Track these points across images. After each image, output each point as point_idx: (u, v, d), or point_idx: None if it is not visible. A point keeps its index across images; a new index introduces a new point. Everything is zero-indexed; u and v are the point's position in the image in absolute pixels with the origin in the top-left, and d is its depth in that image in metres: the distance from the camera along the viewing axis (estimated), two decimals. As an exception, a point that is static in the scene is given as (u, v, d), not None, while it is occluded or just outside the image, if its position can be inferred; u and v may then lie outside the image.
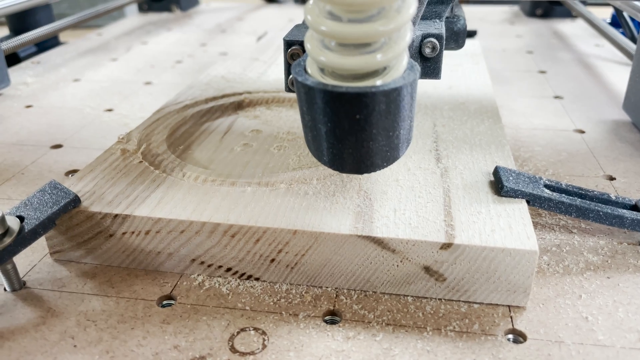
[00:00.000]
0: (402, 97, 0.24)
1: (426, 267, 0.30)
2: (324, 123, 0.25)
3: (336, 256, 0.30)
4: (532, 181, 0.34)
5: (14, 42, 0.67)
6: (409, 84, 0.24)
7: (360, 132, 0.25)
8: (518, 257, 0.28)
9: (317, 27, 0.23)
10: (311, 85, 0.24)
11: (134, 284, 0.32)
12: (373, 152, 0.26)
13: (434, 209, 0.31)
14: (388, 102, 0.24)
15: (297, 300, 0.30)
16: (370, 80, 0.24)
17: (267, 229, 0.30)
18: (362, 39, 0.23)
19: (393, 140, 0.26)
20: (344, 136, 0.25)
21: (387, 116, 0.24)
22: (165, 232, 0.31)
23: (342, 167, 0.27)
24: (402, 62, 0.25)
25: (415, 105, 0.27)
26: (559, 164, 0.45)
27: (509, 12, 1.04)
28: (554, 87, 0.63)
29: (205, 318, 0.29)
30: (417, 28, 0.31)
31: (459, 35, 0.36)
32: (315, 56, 0.24)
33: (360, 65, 0.24)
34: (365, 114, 0.24)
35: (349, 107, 0.24)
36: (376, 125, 0.24)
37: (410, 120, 0.26)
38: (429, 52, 0.31)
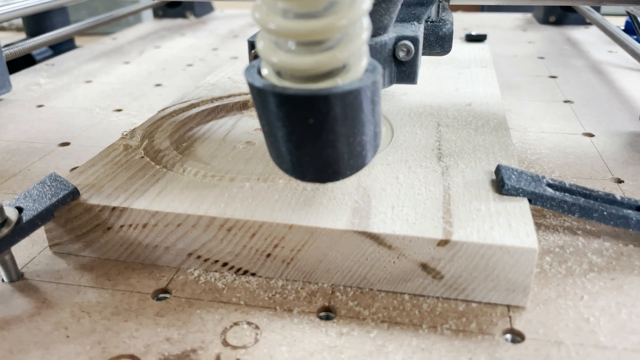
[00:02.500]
0: (361, 100, 0.22)
1: (423, 264, 0.29)
2: (279, 128, 0.24)
3: (332, 252, 0.30)
4: (535, 180, 0.33)
5: (27, 44, 0.68)
6: (367, 86, 0.22)
7: (316, 138, 0.23)
8: (517, 255, 0.28)
9: (265, 25, 0.22)
10: (260, 87, 0.23)
11: (130, 277, 0.32)
12: (334, 160, 0.24)
13: (433, 206, 0.31)
14: (344, 106, 0.22)
15: (292, 296, 0.30)
16: (326, 82, 0.23)
17: (262, 223, 0.30)
18: (311, 35, 0.21)
19: (355, 147, 0.24)
20: (300, 142, 0.24)
21: (344, 121, 0.23)
22: (162, 225, 0.31)
23: (303, 176, 0.26)
24: (360, 63, 0.23)
25: (379, 109, 0.25)
26: (566, 167, 0.44)
27: (522, 19, 1.04)
28: (565, 92, 0.62)
29: (199, 311, 0.29)
30: (392, 30, 0.30)
31: (444, 40, 0.35)
32: (266, 57, 0.23)
33: (311, 64, 0.22)
34: (319, 118, 0.22)
35: (300, 110, 0.22)
36: (333, 130, 0.23)
37: (374, 126, 0.25)
38: (403, 55, 0.29)
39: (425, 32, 0.35)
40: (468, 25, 0.99)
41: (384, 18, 0.27)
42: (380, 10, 0.27)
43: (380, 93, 0.24)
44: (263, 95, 0.23)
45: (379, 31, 0.28)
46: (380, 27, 0.28)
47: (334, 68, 0.22)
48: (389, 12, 0.27)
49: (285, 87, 0.22)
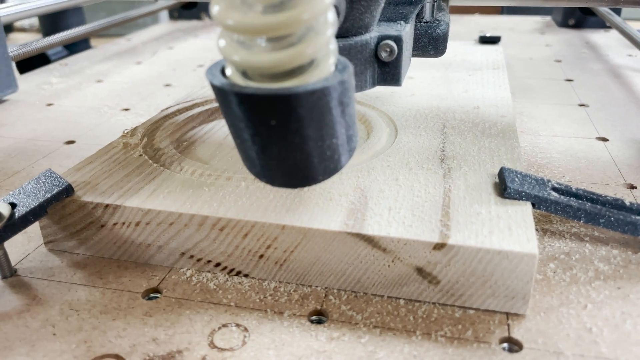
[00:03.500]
0: (327, 101, 0.21)
1: (419, 268, 0.28)
2: (242, 130, 0.22)
3: (325, 254, 0.29)
4: (539, 183, 0.32)
5: (38, 43, 0.69)
6: (333, 86, 0.21)
7: (280, 141, 0.22)
8: (516, 261, 0.27)
9: (223, 21, 0.20)
10: (218, 86, 0.22)
11: (122, 276, 0.31)
12: (302, 164, 0.23)
13: (431, 208, 0.30)
14: (307, 107, 0.21)
15: (284, 298, 0.29)
16: (291, 81, 0.21)
17: (255, 223, 0.29)
18: (270, 30, 0.20)
19: (325, 150, 0.23)
20: (264, 145, 0.22)
21: (309, 123, 0.21)
22: (155, 223, 0.31)
23: (272, 180, 0.24)
24: (327, 62, 0.22)
25: (352, 110, 0.23)
26: (577, 171, 0.43)
27: (541, 22, 1.02)
28: (580, 96, 0.60)
29: (188, 312, 0.29)
30: (375, 29, 0.29)
31: (437, 41, 0.34)
32: (227, 55, 0.21)
33: (271, 62, 0.20)
34: (281, 119, 0.21)
35: (260, 111, 0.21)
36: (297, 132, 0.21)
37: (346, 128, 0.23)
38: (385, 55, 0.28)
39: (418, 32, 0.34)
40: (485, 27, 0.97)
41: (364, 16, 0.26)
42: (360, 8, 0.26)
43: (352, 94, 0.23)
44: (223, 94, 0.22)
45: (359, 30, 0.27)
46: (360, 26, 0.27)
47: (297, 66, 0.21)
48: (369, 10, 0.26)
49: (244, 86, 0.21)
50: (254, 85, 0.21)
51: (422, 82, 0.53)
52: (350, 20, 0.26)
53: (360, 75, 0.27)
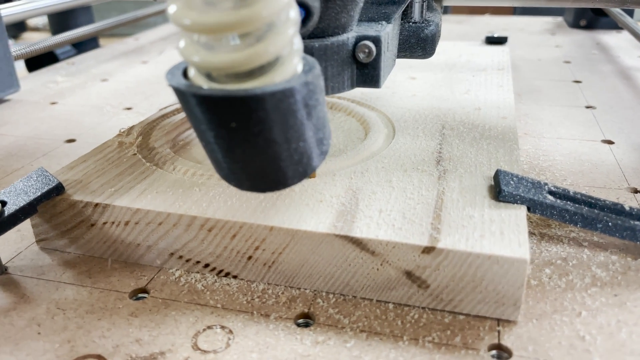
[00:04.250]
0: (289, 103, 0.20)
1: (408, 272, 0.28)
2: (204, 131, 0.22)
3: (314, 256, 0.29)
4: (536, 186, 0.31)
5: (45, 42, 0.69)
6: (295, 88, 0.20)
7: (243, 144, 0.21)
8: (506, 266, 0.26)
9: (180, 21, 0.19)
10: (175, 86, 0.21)
11: (111, 275, 0.31)
12: (268, 168, 0.22)
13: (423, 211, 0.29)
14: (267, 109, 0.20)
15: (272, 300, 0.29)
16: (252, 82, 0.20)
17: (243, 224, 0.29)
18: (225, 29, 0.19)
19: (292, 154, 0.22)
20: (227, 148, 0.22)
21: (272, 125, 0.20)
22: (144, 223, 0.31)
23: (240, 184, 0.24)
24: (290, 62, 0.21)
25: (320, 113, 0.22)
26: (580, 174, 0.42)
27: (552, 23, 1.00)
28: (588, 97, 0.59)
29: (174, 313, 0.28)
30: (355, 29, 0.28)
31: (426, 42, 0.33)
32: (186, 56, 0.20)
33: (227, 62, 0.19)
34: (241, 122, 0.20)
35: (219, 113, 0.20)
36: (259, 135, 0.21)
37: (314, 131, 0.22)
38: (363, 57, 0.27)
39: (406, 33, 0.33)
40: (495, 27, 0.96)
41: (340, 16, 0.25)
42: (335, 8, 0.25)
43: (320, 95, 0.22)
44: (181, 95, 0.21)
45: (336, 30, 0.26)
46: (337, 26, 0.26)
47: (257, 67, 0.20)
48: (345, 9, 0.25)
49: (200, 87, 0.20)
50: (217, 86, 0.20)
51: (424, 83, 0.52)
52: (325, 20, 0.25)
53: (338, 77, 0.26)
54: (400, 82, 0.53)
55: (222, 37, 0.19)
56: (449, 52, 0.64)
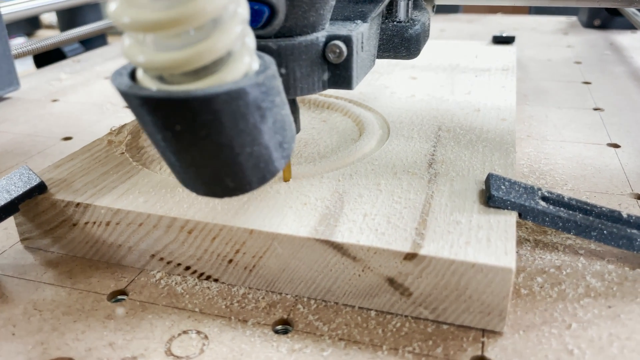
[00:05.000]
0: (238, 105, 0.19)
1: (390, 279, 0.27)
2: (152, 134, 0.20)
3: (295, 260, 0.28)
4: (528, 192, 0.30)
5: (51, 40, 0.69)
6: (243, 89, 0.19)
7: (191, 148, 0.20)
8: (491, 275, 0.25)
9: (119, 19, 0.18)
10: (117, 88, 0.20)
11: (92, 276, 0.31)
12: (223, 173, 0.21)
13: (409, 215, 0.28)
14: (213, 112, 0.19)
15: (251, 305, 0.28)
16: (196, 83, 0.19)
17: (223, 227, 0.28)
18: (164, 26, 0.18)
19: (246, 159, 0.20)
20: (176, 151, 0.21)
21: (220, 129, 0.19)
22: (125, 224, 0.30)
23: (196, 189, 0.22)
24: (240, 62, 0.20)
25: (278, 115, 0.21)
26: (582, 179, 0.40)
27: (565, 22, 0.98)
28: (596, 99, 0.57)
29: (150, 317, 0.28)
30: (327, 28, 0.26)
31: (410, 42, 0.32)
32: (127, 55, 0.19)
33: (166, 62, 0.18)
34: (186, 125, 0.19)
35: (161, 115, 0.19)
36: (208, 139, 0.19)
37: (271, 134, 0.21)
38: (333, 57, 0.25)
39: (390, 33, 0.32)
40: (506, 27, 0.94)
41: (308, 15, 0.24)
42: (302, 6, 0.24)
43: (276, 97, 0.21)
44: (124, 96, 0.20)
45: (304, 29, 0.25)
46: (306, 25, 0.25)
47: (201, 66, 0.19)
48: (314, 8, 0.24)
49: (141, 88, 0.19)
50: (166, 87, 0.19)
51: (424, 83, 0.51)
52: (292, 19, 0.24)
53: (308, 78, 0.25)
54: (401, 82, 0.51)
55: (164, 35, 0.18)
56: (454, 51, 0.63)
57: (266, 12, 0.23)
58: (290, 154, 0.23)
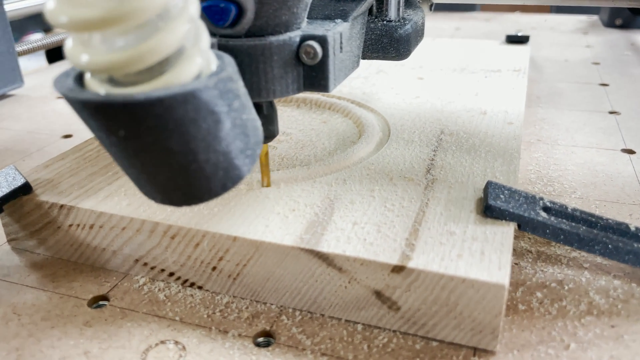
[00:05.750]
0: (185, 110, 0.17)
1: (377, 292, 0.25)
2: (100, 139, 0.19)
3: (279, 270, 0.27)
4: (529, 201, 0.28)
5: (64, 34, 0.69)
6: (194, 92, 0.17)
7: (139, 154, 0.19)
8: (482, 291, 0.23)
9: (56, 19, 0.17)
10: (58, 90, 0.18)
11: (75, 280, 0.30)
12: (178, 182, 0.20)
13: (401, 225, 0.27)
14: (158, 116, 0.17)
15: (234, 315, 0.27)
16: (141, 87, 0.18)
17: (206, 233, 0.27)
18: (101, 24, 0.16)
19: (202, 167, 0.19)
20: (125, 157, 0.19)
21: (168, 135, 0.18)
22: (108, 227, 0.29)
23: (153, 197, 0.21)
24: (190, 63, 0.18)
25: (236, 119, 0.20)
26: (592, 186, 0.38)
27: (586, 21, 0.95)
28: (613, 102, 0.55)
29: (129, 324, 0.27)
30: (303, 28, 0.25)
31: (399, 43, 0.30)
32: (69, 57, 0.18)
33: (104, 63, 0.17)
34: (129, 130, 0.18)
35: (103, 120, 0.18)
36: (156, 145, 0.18)
37: (229, 140, 0.19)
38: (307, 58, 0.24)
39: (379, 32, 0.30)
40: (523, 26, 0.92)
41: (279, 13, 0.23)
42: (273, 4, 0.22)
43: (234, 101, 0.20)
44: (66, 100, 0.18)
45: (277, 28, 0.23)
46: (278, 24, 0.23)
47: (144, 68, 0.17)
48: (286, 6, 0.23)
49: (81, 91, 0.18)
50: (116, 90, 0.18)
51: (431, 83, 0.49)
52: (263, 18, 0.23)
53: (281, 79, 0.24)
54: (407, 82, 0.50)
55: (104, 35, 0.17)
56: (465, 51, 0.61)
57: (233, 10, 0.22)
58: (255, 159, 0.21)
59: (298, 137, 0.40)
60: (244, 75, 0.24)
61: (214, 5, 0.22)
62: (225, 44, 0.23)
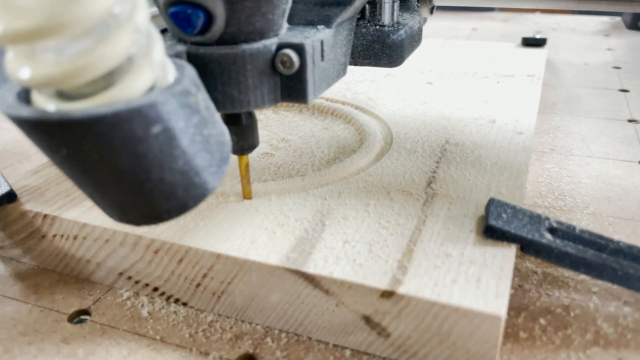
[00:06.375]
0: (131, 128, 0.16)
1: (366, 317, 0.24)
2: (48, 155, 0.18)
3: (264, 290, 0.25)
4: (534, 221, 0.26)
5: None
6: (141, 108, 0.16)
7: (85, 173, 0.17)
8: (477, 321, 0.22)
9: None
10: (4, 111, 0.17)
11: (58, 292, 0.29)
12: (133, 202, 0.18)
13: (394, 244, 0.25)
14: (100, 135, 0.16)
15: (217, 336, 0.26)
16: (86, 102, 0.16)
17: (189, 249, 0.26)
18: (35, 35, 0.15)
19: (157, 187, 0.18)
20: (73, 175, 0.18)
21: (114, 154, 0.16)
22: (92, 239, 0.28)
23: (111, 215, 0.20)
24: (138, 77, 0.17)
25: (196, 137, 0.18)
26: (605, 202, 0.36)
27: (609, 23, 0.92)
28: (633, 109, 0.53)
29: (108, 342, 0.26)
30: (281, 35, 0.23)
31: (392, 49, 0.28)
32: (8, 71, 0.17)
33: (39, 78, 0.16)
34: (71, 149, 0.16)
35: (43, 138, 0.17)
36: (102, 165, 0.17)
37: (187, 159, 0.18)
38: (282, 68, 0.22)
39: (370, 38, 0.29)
40: (543, 27, 0.89)
41: (253, 20, 0.21)
42: (244, 10, 0.21)
43: (194, 117, 0.18)
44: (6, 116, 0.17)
45: (251, 36, 0.22)
46: (252, 31, 0.22)
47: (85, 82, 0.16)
48: (259, 12, 0.21)
49: (21, 107, 0.16)
50: (66, 105, 0.17)
51: (440, 88, 0.48)
52: (235, 25, 0.21)
53: (256, 90, 0.22)
54: (415, 86, 0.48)
55: (39, 47, 0.16)
56: (478, 54, 0.59)
57: (202, 17, 0.20)
58: (221, 176, 0.20)
59: (297, 145, 0.38)
60: (215, 85, 0.22)
61: (181, 11, 0.20)
62: (195, 52, 0.22)
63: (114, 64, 0.16)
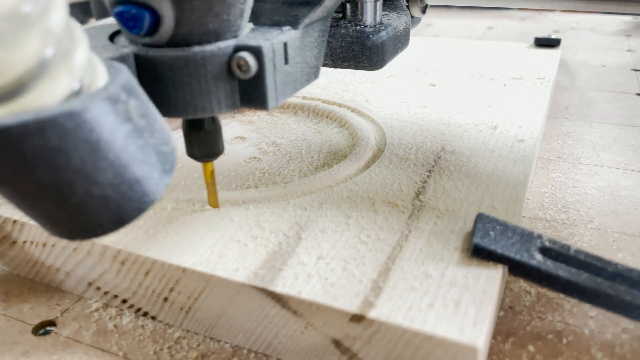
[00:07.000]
0: (45, 140, 0.15)
1: (336, 341, 0.22)
2: None
3: (232, 307, 0.24)
4: (524, 240, 0.24)
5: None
6: (52, 119, 0.15)
7: (5, 187, 0.16)
8: (452, 352, 0.20)
9: None
10: None
11: (26, 301, 0.28)
12: (61, 217, 0.17)
13: (371, 261, 0.24)
14: (9, 148, 0.15)
15: (182, 354, 0.24)
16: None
17: (155, 262, 0.25)
18: None
19: (85, 201, 0.16)
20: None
21: (28, 167, 0.15)
22: (59, 247, 0.27)
23: (44, 228, 0.18)
24: (54, 84, 0.15)
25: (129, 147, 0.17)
26: (612, 215, 0.34)
27: (631, 23, 0.89)
28: (650, 115, 0.50)
29: (69, 358, 0.24)
30: (240, 37, 0.21)
31: (372, 51, 0.26)
32: None
33: None
34: None
35: None
36: (19, 178, 0.16)
37: (116, 172, 0.16)
38: (239, 72, 0.20)
39: (349, 39, 0.27)
40: (561, 26, 0.86)
41: (206, 21, 0.20)
42: (195, 10, 0.19)
43: (123, 127, 0.16)
44: None
45: (204, 37, 0.20)
46: (205, 33, 0.20)
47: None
48: (212, 12, 0.19)
49: None
50: None
51: (442, 90, 0.45)
52: (185, 25, 0.20)
53: (210, 95, 0.21)
54: (416, 88, 0.46)
55: None
56: (487, 55, 0.56)
57: (147, 17, 0.19)
58: (163, 189, 0.18)
59: (287, 149, 0.37)
60: (167, 89, 0.21)
61: (126, 11, 0.19)
62: (144, 54, 0.20)
63: (22, 69, 0.14)
